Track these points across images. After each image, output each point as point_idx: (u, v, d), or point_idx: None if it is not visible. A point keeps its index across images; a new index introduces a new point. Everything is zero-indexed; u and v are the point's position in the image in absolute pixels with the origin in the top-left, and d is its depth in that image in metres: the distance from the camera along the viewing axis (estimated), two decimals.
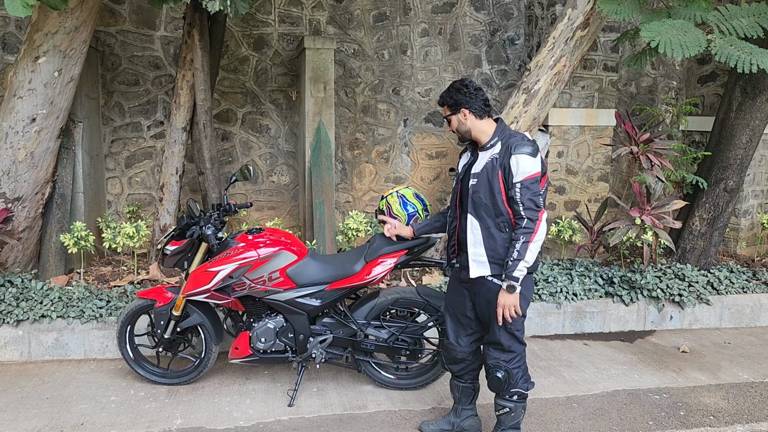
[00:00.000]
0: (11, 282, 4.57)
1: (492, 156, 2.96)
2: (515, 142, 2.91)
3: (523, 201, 2.85)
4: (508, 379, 3.05)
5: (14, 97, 4.53)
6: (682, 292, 5.23)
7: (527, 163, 2.85)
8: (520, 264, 2.83)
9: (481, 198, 2.96)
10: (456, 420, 3.35)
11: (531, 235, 2.84)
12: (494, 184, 2.92)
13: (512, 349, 3.04)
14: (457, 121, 3.07)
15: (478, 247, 2.99)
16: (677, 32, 4.31)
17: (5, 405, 3.68)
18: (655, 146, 5.36)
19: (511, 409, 3.10)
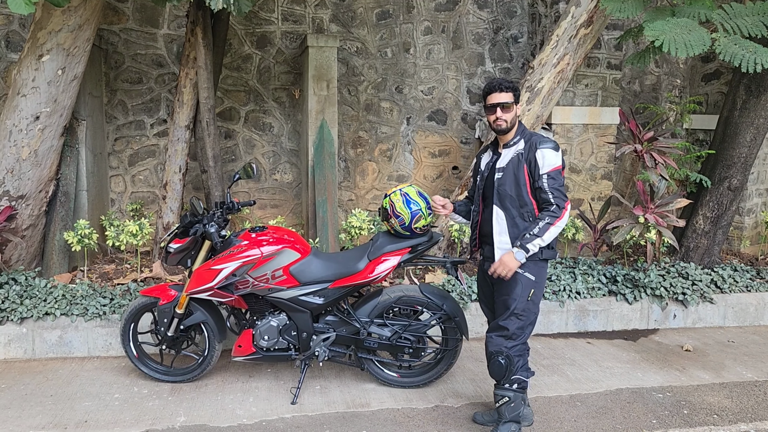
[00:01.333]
0: (15, 280, 4.58)
1: (517, 151, 3.17)
2: (538, 138, 3.16)
3: (551, 190, 3.07)
4: (509, 365, 3.16)
5: (18, 95, 4.54)
6: (686, 291, 5.22)
7: (552, 156, 3.09)
8: (536, 240, 3.04)
9: (506, 190, 3.16)
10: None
11: (555, 220, 3.05)
12: (519, 177, 3.13)
13: (517, 336, 3.17)
14: (516, 112, 3.22)
15: (503, 235, 3.17)
16: (681, 31, 4.29)
17: (9, 402, 3.69)
18: (658, 144, 5.35)
19: (510, 398, 3.19)
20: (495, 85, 3.21)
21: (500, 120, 3.18)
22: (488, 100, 3.23)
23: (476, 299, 4.91)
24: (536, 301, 3.19)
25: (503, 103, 3.18)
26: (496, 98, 3.19)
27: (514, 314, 3.15)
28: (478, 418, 3.50)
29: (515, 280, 3.15)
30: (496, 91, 3.20)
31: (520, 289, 3.15)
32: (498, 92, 3.20)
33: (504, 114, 3.18)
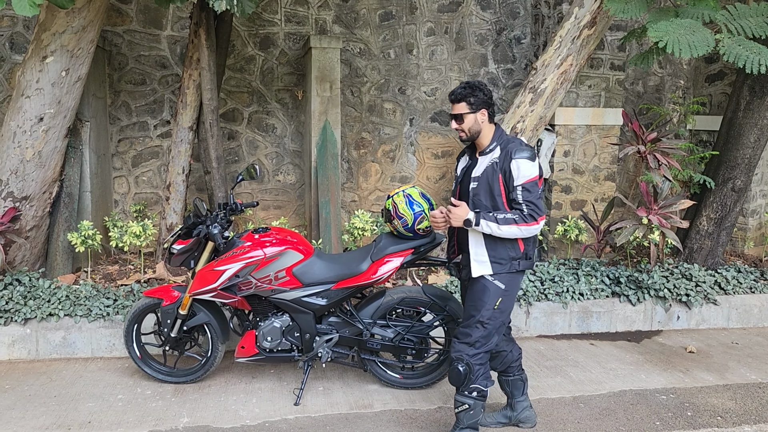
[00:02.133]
0: (19, 281, 4.59)
1: (492, 160, 3.05)
2: (514, 147, 3.02)
3: (525, 202, 2.96)
4: (468, 374, 3.09)
5: (22, 97, 4.55)
6: (690, 292, 5.21)
7: (527, 167, 2.96)
8: (493, 224, 2.96)
9: (481, 200, 3.06)
10: (512, 413, 3.46)
11: (522, 222, 2.95)
12: (494, 187, 3.03)
13: (479, 344, 3.10)
14: (473, 120, 3.08)
15: (479, 247, 3.07)
16: (685, 31, 4.28)
17: (13, 403, 3.70)
18: (662, 145, 5.34)
19: (470, 406, 3.14)
20: (450, 96, 3.13)
21: (458, 131, 3.12)
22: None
23: None
24: (503, 309, 3.10)
25: (456, 115, 3.10)
26: (452, 109, 3.12)
27: (480, 321, 3.07)
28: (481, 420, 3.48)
29: (484, 286, 3.07)
30: (451, 101, 3.12)
31: (488, 296, 3.06)
32: (452, 103, 3.11)
33: (459, 125, 3.10)
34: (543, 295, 5.05)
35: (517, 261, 3.08)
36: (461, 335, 3.14)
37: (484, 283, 3.08)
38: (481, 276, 3.08)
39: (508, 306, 3.13)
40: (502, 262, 3.06)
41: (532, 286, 5.04)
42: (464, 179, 3.19)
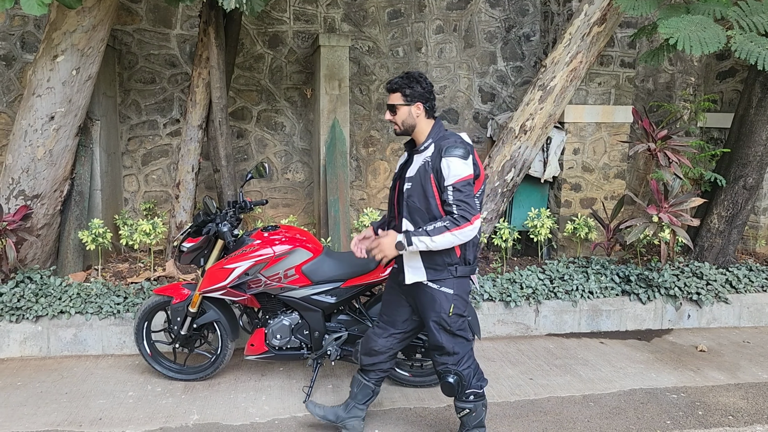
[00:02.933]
0: (30, 278, 4.63)
1: (425, 159, 2.88)
2: (447, 144, 2.83)
3: (456, 202, 2.76)
4: (460, 382, 3.00)
5: (33, 96, 4.58)
6: (700, 291, 5.17)
7: (458, 166, 2.77)
8: (425, 238, 2.73)
9: (414, 202, 2.88)
10: (343, 414, 3.27)
11: (454, 227, 2.73)
12: (427, 188, 2.84)
13: (456, 351, 2.99)
14: (407, 113, 2.92)
15: (413, 253, 2.89)
16: (696, 28, 4.25)
17: (25, 400, 3.73)
18: (672, 143, 5.30)
19: (471, 409, 3.06)
20: (386, 84, 2.97)
21: (392, 123, 2.97)
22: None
23: (488, 298, 4.90)
24: (460, 312, 2.96)
25: (390, 105, 2.95)
26: (388, 99, 2.97)
27: (442, 329, 2.95)
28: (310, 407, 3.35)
29: (432, 297, 2.92)
30: (387, 90, 2.97)
31: (438, 305, 2.92)
32: (388, 92, 2.96)
33: (392, 117, 2.95)
34: (552, 293, 5.04)
35: (454, 267, 2.89)
36: (434, 349, 3.02)
37: (430, 293, 2.92)
38: (425, 285, 2.92)
39: (465, 307, 2.98)
40: (437, 267, 2.89)
41: (541, 284, 5.03)
42: (400, 180, 3.01)
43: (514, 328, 4.94)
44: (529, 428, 3.46)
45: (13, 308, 4.37)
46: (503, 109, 6.83)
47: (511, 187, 5.61)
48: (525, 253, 6.28)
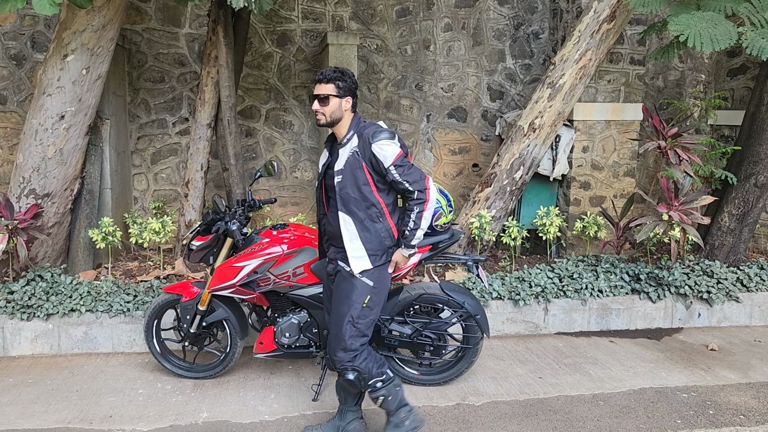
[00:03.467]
0: (41, 276, 4.66)
1: (352, 150, 2.98)
2: (370, 132, 2.96)
3: (404, 178, 2.94)
4: (360, 376, 3.02)
5: (43, 95, 4.60)
6: (711, 289, 5.14)
7: (389, 146, 2.93)
8: (418, 232, 3.01)
9: (348, 193, 2.97)
10: (341, 423, 3.24)
11: (424, 204, 2.98)
12: (360, 177, 2.96)
13: (354, 347, 3.01)
14: (338, 105, 2.99)
15: (355, 242, 3.00)
16: (707, 25, 4.22)
17: (36, 397, 3.76)
18: (683, 141, 5.27)
19: (385, 395, 3.08)
20: (318, 75, 3.03)
21: (318, 113, 3.00)
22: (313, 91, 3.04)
23: (497, 297, 4.89)
24: (372, 306, 3.03)
25: (320, 96, 2.98)
26: (316, 89, 3.01)
27: (349, 322, 2.98)
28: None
29: (352, 284, 3.01)
30: (317, 81, 3.02)
31: (356, 294, 2.99)
32: (319, 83, 3.00)
33: (322, 107, 2.98)
34: (561, 291, 5.02)
35: (392, 249, 3.08)
36: (333, 342, 3.04)
37: (353, 281, 3.01)
38: (347, 273, 3.02)
39: (378, 303, 3.07)
40: (378, 254, 3.02)
41: (550, 282, 5.01)
42: (327, 176, 3.11)
43: (523, 327, 4.93)
44: (539, 427, 3.45)
45: (24, 306, 4.40)
46: (512, 107, 6.80)
47: (520, 186, 5.59)
48: (534, 251, 6.26)
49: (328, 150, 3.17)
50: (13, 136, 5.97)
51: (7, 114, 5.98)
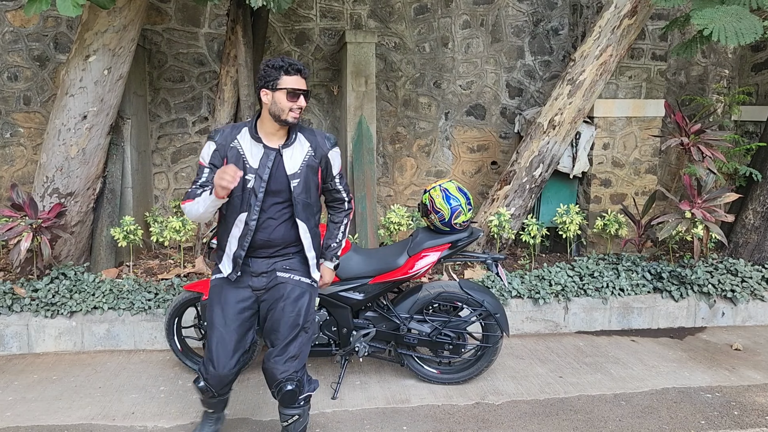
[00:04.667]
0: (65, 274, 4.72)
1: (307, 153, 2.83)
2: (323, 136, 2.92)
3: (344, 189, 3.03)
4: (299, 388, 2.91)
5: (66, 95, 4.66)
6: (735, 288, 5.06)
7: (339, 156, 2.97)
8: (338, 249, 3.10)
9: (305, 199, 2.82)
10: (219, 426, 3.18)
11: (350, 213, 3.12)
12: (312, 182, 2.85)
13: (302, 356, 2.89)
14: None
15: (311, 251, 2.90)
16: (731, 19, 4.15)
17: (60, 393, 3.81)
18: (706, 137, 5.19)
19: (300, 415, 2.97)
20: (298, 67, 2.73)
21: (299, 110, 2.75)
22: (287, 83, 2.71)
23: (516, 295, 4.86)
24: (314, 307, 2.97)
25: (306, 92, 2.77)
26: (299, 83, 2.73)
27: (303, 330, 2.86)
28: None
29: (306, 293, 2.88)
30: (300, 74, 2.74)
31: (311, 301, 2.90)
32: (301, 76, 2.75)
33: (303, 103, 2.75)
34: (582, 290, 4.97)
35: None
36: (283, 353, 2.84)
37: (308, 290, 2.90)
38: (298, 281, 2.88)
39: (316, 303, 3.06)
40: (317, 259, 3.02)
41: (571, 281, 4.97)
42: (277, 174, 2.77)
43: (542, 326, 4.89)
44: (560, 427, 3.42)
45: (48, 304, 4.46)
46: (531, 104, 6.75)
47: (539, 183, 5.55)
48: (553, 249, 6.21)
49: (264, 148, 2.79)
50: (37, 136, 6.06)
51: (30, 114, 6.07)
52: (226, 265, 2.84)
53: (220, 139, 2.80)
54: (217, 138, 2.81)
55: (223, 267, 2.85)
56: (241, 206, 2.76)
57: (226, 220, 2.84)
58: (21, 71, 6.01)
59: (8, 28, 5.94)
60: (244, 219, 2.76)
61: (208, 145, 2.81)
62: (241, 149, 2.78)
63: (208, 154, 2.80)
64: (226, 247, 2.84)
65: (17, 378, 4.03)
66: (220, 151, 2.78)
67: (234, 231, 2.79)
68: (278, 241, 2.83)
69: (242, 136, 2.80)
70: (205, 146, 2.82)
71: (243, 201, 2.76)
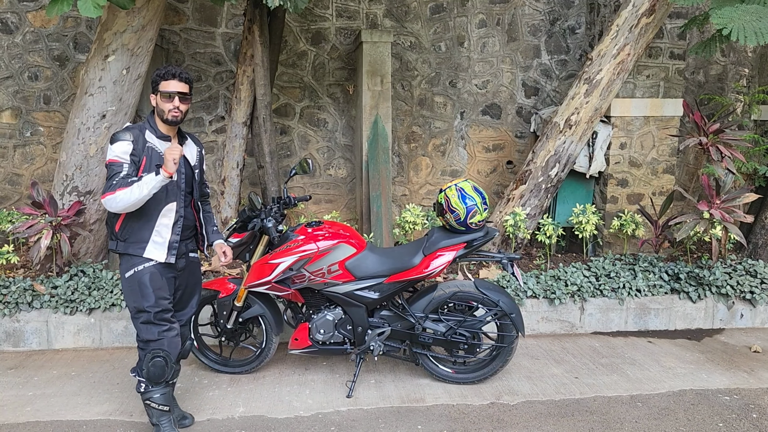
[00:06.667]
0: (84, 272, 4.78)
1: (197, 149, 3.35)
2: (194, 136, 3.40)
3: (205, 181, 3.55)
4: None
5: (85, 95, 4.72)
6: (754, 290, 5.00)
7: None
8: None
9: (200, 187, 3.41)
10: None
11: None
12: (201, 174, 3.40)
13: None
14: (189, 105, 3.21)
15: (203, 231, 3.43)
16: (751, 18, 4.10)
17: (78, 389, 3.86)
18: (725, 137, 5.13)
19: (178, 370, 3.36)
20: (175, 71, 3.11)
21: (176, 110, 3.09)
22: (164, 87, 3.09)
23: (532, 295, 4.84)
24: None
25: (183, 94, 3.12)
26: (177, 86, 3.10)
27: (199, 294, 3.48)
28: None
29: (198, 265, 3.44)
30: (176, 78, 3.11)
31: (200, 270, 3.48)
32: (179, 80, 3.11)
33: (183, 104, 3.12)
34: (598, 290, 4.94)
35: None
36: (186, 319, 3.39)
37: (197, 262, 3.43)
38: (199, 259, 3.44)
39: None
40: None
41: (587, 281, 4.94)
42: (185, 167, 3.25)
43: (558, 326, 4.87)
44: (575, 428, 3.41)
45: (67, 301, 4.52)
46: (547, 103, 6.72)
47: (555, 183, 5.52)
48: (569, 249, 6.18)
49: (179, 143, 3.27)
50: (57, 135, 6.14)
51: (50, 113, 6.15)
52: (158, 252, 3.12)
53: (132, 139, 3.06)
54: (130, 138, 3.06)
55: (152, 254, 3.11)
56: (167, 197, 3.13)
57: (147, 211, 3.09)
58: (41, 71, 6.10)
59: (29, 28, 6.03)
60: (175, 208, 3.15)
61: (123, 143, 3.03)
62: (158, 148, 3.12)
63: (124, 152, 3.02)
64: (151, 236, 3.11)
65: (37, 373, 4.09)
66: (136, 150, 3.05)
67: (163, 220, 3.12)
68: (191, 225, 3.32)
69: (150, 137, 3.12)
70: (117, 145, 3.02)
71: (168, 192, 3.13)
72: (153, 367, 3.12)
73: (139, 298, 3.09)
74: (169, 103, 3.09)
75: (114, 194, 2.93)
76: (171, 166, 2.92)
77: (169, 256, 3.13)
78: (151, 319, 3.11)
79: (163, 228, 3.12)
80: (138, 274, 3.10)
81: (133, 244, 3.10)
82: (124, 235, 3.11)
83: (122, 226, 3.11)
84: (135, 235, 3.10)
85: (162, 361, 3.13)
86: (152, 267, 3.11)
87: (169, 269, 3.18)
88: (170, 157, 2.93)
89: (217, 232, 3.50)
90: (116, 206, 2.95)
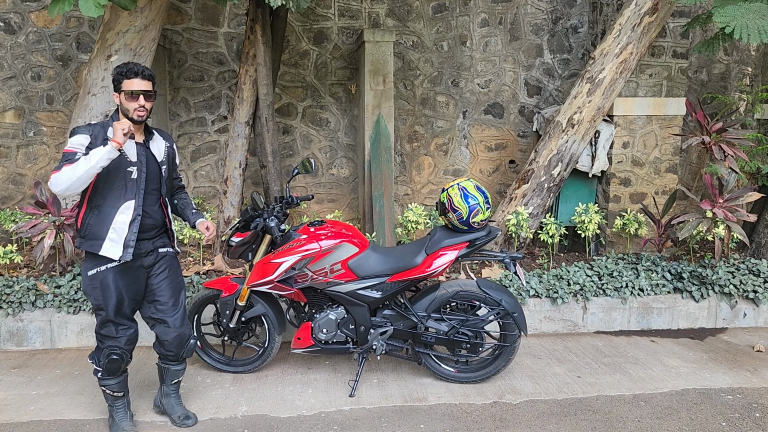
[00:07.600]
0: None
1: (166, 146, 3.29)
2: (164, 133, 3.37)
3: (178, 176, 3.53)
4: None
5: (88, 95, 4.73)
6: (757, 289, 4.99)
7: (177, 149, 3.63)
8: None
9: (168, 182, 3.33)
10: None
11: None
12: (170, 169, 3.33)
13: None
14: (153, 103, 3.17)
15: (173, 226, 3.37)
16: (754, 16, 4.09)
17: (82, 388, 3.87)
18: (728, 136, 5.13)
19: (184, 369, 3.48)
20: (137, 70, 3.06)
21: (142, 109, 3.05)
22: (127, 86, 3.04)
23: (534, 295, 4.84)
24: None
25: (149, 92, 3.09)
26: (140, 85, 3.05)
27: (184, 289, 3.40)
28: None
29: (178, 262, 3.41)
30: (138, 76, 3.06)
31: (178, 264, 3.41)
32: (141, 78, 3.06)
33: (148, 102, 3.08)
34: (601, 290, 4.94)
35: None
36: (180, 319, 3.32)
37: (173, 255, 3.38)
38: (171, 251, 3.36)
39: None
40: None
41: (589, 281, 4.93)
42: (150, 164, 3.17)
43: (561, 325, 4.87)
44: (578, 427, 3.41)
45: (70, 300, 4.53)
46: (550, 102, 6.71)
47: (558, 182, 5.52)
48: (572, 249, 6.17)
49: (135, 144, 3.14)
50: (60, 135, 6.15)
51: (53, 113, 6.17)
52: (114, 250, 3.05)
53: (91, 134, 3.02)
54: (88, 132, 3.03)
55: (108, 252, 3.04)
56: (126, 195, 3.07)
57: (104, 208, 3.06)
58: (44, 71, 6.11)
59: (32, 28, 6.04)
60: (133, 206, 3.08)
61: (80, 137, 3.00)
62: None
63: (81, 144, 2.98)
64: (107, 234, 3.05)
65: (40, 373, 4.10)
66: (94, 145, 2.99)
67: (120, 218, 3.06)
68: (158, 222, 3.25)
69: (111, 135, 3.03)
70: (75, 137, 2.98)
71: (128, 190, 3.08)
72: (110, 363, 3.19)
73: (101, 297, 3.10)
74: (134, 102, 3.04)
75: (59, 172, 2.85)
76: (120, 136, 2.87)
77: (125, 254, 3.05)
78: (111, 318, 3.14)
79: (119, 225, 3.05)
80: (101, 274, 3.09)
81: (91, 241, 3.06)
82: (83, 232, 3.10)
83: (83, 222, 3.10)
84: (93, 232, 3.06)
85: (119, 358, 3.19)
86: (115, 267, 3.10)
87: (135, 267, 3.16)
88: (119, 126, 2.88)
89: (198, 213, 3.47)
90: (61, 184, 2.85)
